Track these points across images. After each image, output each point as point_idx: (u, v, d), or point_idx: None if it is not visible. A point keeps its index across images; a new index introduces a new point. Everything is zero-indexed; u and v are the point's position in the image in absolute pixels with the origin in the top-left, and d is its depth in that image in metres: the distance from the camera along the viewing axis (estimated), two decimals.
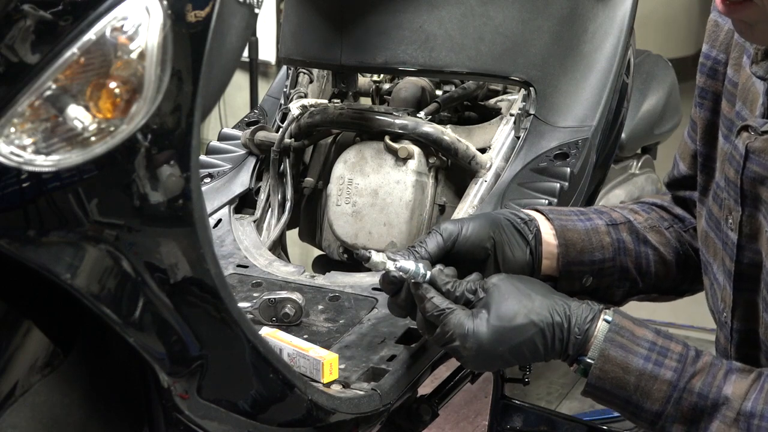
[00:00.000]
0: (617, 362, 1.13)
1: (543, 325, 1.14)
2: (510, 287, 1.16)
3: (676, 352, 1.13)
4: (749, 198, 1.17)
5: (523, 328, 1.14)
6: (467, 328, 1.15)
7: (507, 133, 1.77)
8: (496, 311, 1.15)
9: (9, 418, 1.02)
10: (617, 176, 2.19)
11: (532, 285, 1.18)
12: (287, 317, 1.48)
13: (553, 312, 1.14)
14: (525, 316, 1.14)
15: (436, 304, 1.18)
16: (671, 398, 1.11)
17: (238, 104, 3.46)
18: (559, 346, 1.14)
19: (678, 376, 1.11)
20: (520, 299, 1.15)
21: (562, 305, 1.15)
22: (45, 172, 0.92)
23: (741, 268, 1.20)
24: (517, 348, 1.14)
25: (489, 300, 1.16)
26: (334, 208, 1.74)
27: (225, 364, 1.10)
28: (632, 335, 1.14)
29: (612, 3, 1.87)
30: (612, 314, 1.15)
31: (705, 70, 1.29)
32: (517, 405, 2.05)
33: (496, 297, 1.16)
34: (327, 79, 1.98)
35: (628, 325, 1.15)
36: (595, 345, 1.13)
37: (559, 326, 1.14)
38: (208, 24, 0.97)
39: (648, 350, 1.13)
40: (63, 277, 0.95)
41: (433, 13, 1.69)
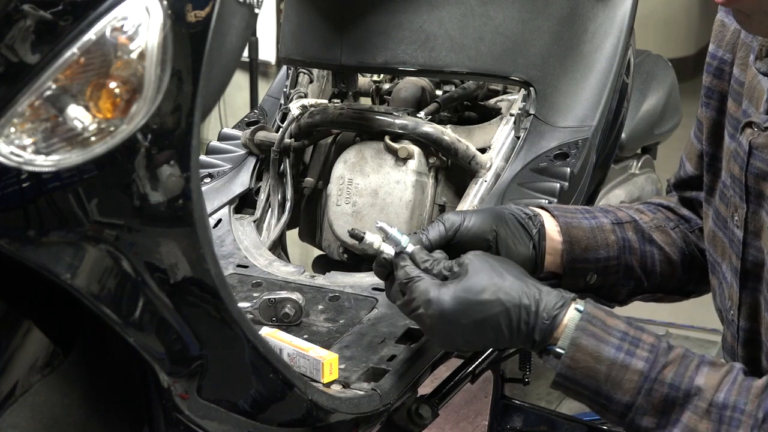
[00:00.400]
0: (588, 351, 1.11)
1: (509, 305, 1.12)
2: (483, 263, 1.16)
3: (648, 343, 1.12)
4: (753, 194, 1.16)
5: (489, 304, 1.12)
6: (431, 295, 1.14)
7: (507, 133, 1.77)
8: (465, 283, 1.14)
9: (9, 418, 1.02)
10: (617, 176, 2.19)
11: (506, 265, 1.17)
12: (287, 317, 1.48)
13: (522, 294, 1.13)
14: (492, 293, 1.13)
15: (408, 272, 1.18)
16: (642, 389, 1.10)
17: (238, 104, 3.46)
18: (525, 329, 1.13)
19: (650, 366, 1.10)
20: (491, 276, 1.14)
21: (533, 289, 1.14)
22: (45, 172, 0.92)
23: (746, 266, 1.19)
24: (480, 324, 1.13)
25: (460, 272, 1.15)
26: (334, 208, 1.74)
27: (225, 364, 1.10)
28: (604, 324, 1.13)
29: (612, 3, 1.87)
30: (584, 303, 1.14)
31: (711, 69, 1.29)
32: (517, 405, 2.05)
33: (468, 270, 1.15)
34: (327, 79, 1.98)
35: (600, 314, 1.14)
36: (565, 334, 1.12)
37: (526, 309, 1.13)
38: (208, 24, 0.97)
39: (620, 340, 1.12)
40: (63, 277, 0.95)
41: (433, 13, 1.69)
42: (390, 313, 1.51)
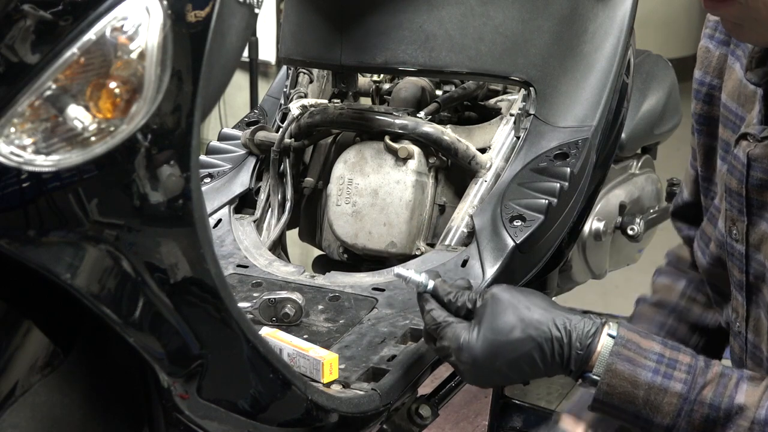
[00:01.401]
0: (625, 376, 1.10)
1: (541, 340, 1.11)
2: (508, 299, 1.14)
3: (685, 363, 1.11)
4: (755, 206, 1.16)
5: (520, 343, 1.11)
6: (462, 341, 1.13)
7: (507, 133, 1.77)
8: (491, 324, 1.13)
9: (9, 418, 1.02)
10: (617, 176, 2.18)
11: (532, 297, 1.15)
12: (287, 317, 1.48)
13: (551, 326, 1.12)
14: (522, 330, 1.11)
15: (434, 317, 1.17)
16: (682, 411, 1.09)
17: (238, 104, 3.46)
18: (559, 360, 1.12)
19: (688, 388, 1.09)
20: (517, 312, 1.13)
21: (563, 319, 1.13)
22: (45, 172, 0.92)
23: (750, 279, 1.19)
24: (515, 363, 1.12)
25: (485, 312, 1.14)
26: (334, 208, 1.74)
27: (225, 364, 1.10)
28: (639, 347, 1.11)
29: (612, 3, 1.87)
30: (617, 327, 1.13)
31: (701, 96, 1.29)
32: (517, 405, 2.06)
33: (494, 309, 1.14)
34: (327, 79, 1.98)
35: (634, 337, 1.12)
36: (599, 360, 1.11)
37: (559, 341, 1.11)
38: (208, 24, 0.97)
39: (656, 362, 1.10)
40: (63, 277, 0.95)
41: (433, 13, 1.69)
42: (390, 313, 1.51)
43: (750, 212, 1.16)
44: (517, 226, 1.60)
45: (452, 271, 1.58)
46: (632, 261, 2.33)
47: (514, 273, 1.61)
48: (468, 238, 1.65)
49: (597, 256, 2.07)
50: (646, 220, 2.16)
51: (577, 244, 1.97)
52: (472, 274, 1.57)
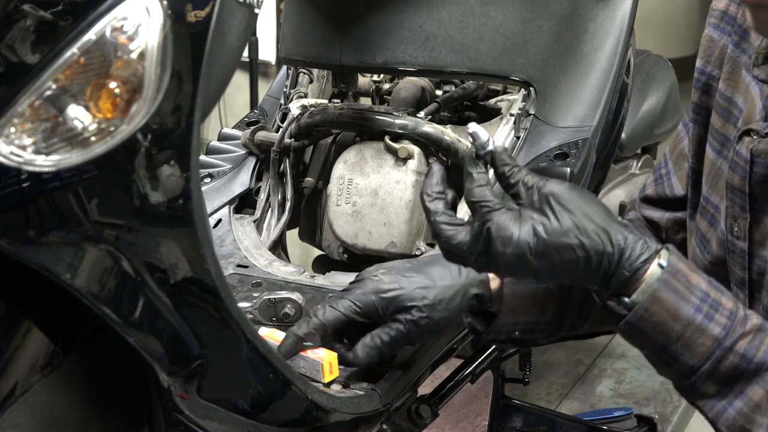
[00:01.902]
0: (667, 307, 1.06)
1: (592, 252, 1.06)
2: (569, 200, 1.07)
3: (728, 309, 1.07)
4: (759, 202, 1.15)
5: (570, 249, 1.06)
6: (511, 233, 1.07)
7: (507, 133, 1.77)
8: (545, 220, 1.06)
9: (9, 418, 1.02)
10: (617, 176, 2.19)
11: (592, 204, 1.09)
12: (287, 317, 1.48)
13: (606, 240, 1.06)
14: (576, 236, 1.06)
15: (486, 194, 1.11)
16: (713, 355, 1.06)
17: (238, 104, 3.46)
18: (602, 274, 1.07)
19: (726, 333, 1.06)
20: (575, 216, 1.07)
21: (618, 235, 1.07)
22: (45, 172, 0.92)
23: (752, 276, 1.18)
24: (559, 268, 1.07)
25: (544, 207, 1.08)
26: (334, 208, 1.74)
27: (225, 364, 1.10)
28: (687, 281, 1.07)
29: (612, 3, 1.87)
30: (669, 256, 1.08)
31: (699, 85, 1.28)
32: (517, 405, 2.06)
33: (550, 204, 1.07)
34: (327, 79, 1.98)
35: (684, 269, 1.08)
36: (643, 288, 1.06)
37: (609, 257, 1.06)
38: (208, 24, 0.97)
39: (701, 300, 1.06)
40: (63, 277, 0.95)
41: (433, 13, 1.69)
42: None
43: (753, 208, 1.16)
44: None
45: None
46: None
47: None
48: None
49: None
50: None
51: None
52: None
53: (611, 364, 2.83)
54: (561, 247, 1.06)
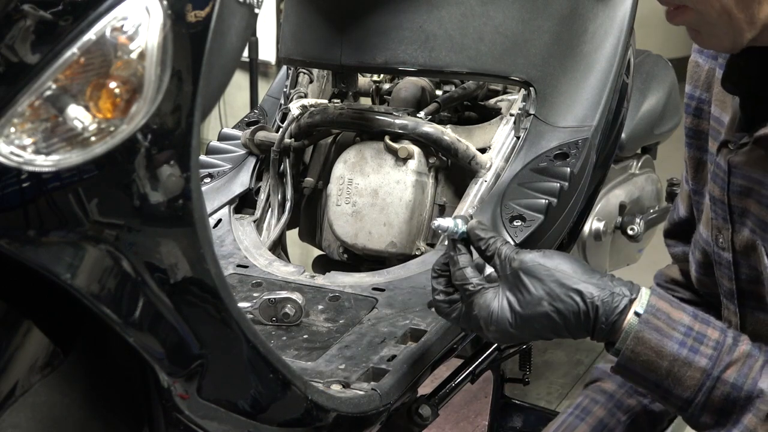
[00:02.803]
0: (651, 345, 1.10)
1: (567, 313, 1.12)
2: (540, 270, 1.14)
3: (713, 339, 1.10)
4: (737, 213, 1.16)
5: (546, 316, 1.13)
6: (492, 311, 1.15)
7: (507, 133, 1.77)
8: (522, 297, 1.14)
9: (9, 418, 1.02)
10: (617, 176, 2.19)
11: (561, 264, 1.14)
12: (287, 317, 1.48)
13: (578, 300, 1.12)
14: (549, 303, 1.12)
15: (467, 277, 1.19)
16: (704, 386, 1.09)
17: (238, 104, 3.46)
18: (584, 331, 1.13)
19: (713, 364, 1.09)
20: (546, 284, 1.13)
21: (591, 291, 1.12)
22: (45, 172, 0.92)
23: (741, 285, 1.19)
24: (541, 332, 1.14)
25: (516, 281, 1.15)
26: (334, 208, 1.74)
27: (225, 364, 1.10)
28: (668, 318, 1.11)
29: (612, 3, 1.87)
30: (648, 297, 1.12)
31: (690, 110, 1.30)
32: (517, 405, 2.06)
33: (523, 279, 1.14)
34: (327, 79, 1.98)
35: (665, 307, 1.12)
36: (626, 330, 1.11)
37: (585, 314, 1.12)
38: (208, 24, 0.97)
39: (684, 335, 1.10)
40: (63, 277, 0.95)
41: (433, 13, 1.69)
42: (390, 313, 1.51)
43: (733, 219, 1.17)
44: (517, 226, 1.60)
45: None
46: (632, 261, 2.33)
47: None
48: None
49: (597, 256, 2.07)
50: (646, 220, 2.16)
51: (577, 244, 1.97)
52: None
53: None
54: (537, 316, 1.13)
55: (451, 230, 1.21)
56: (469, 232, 1.21)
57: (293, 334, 1.47)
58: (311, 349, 1.43)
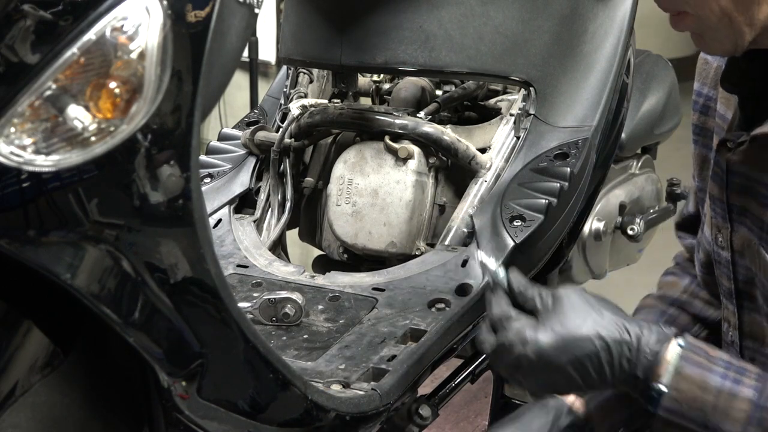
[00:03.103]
0: (694, 380, 1.07)
1: (610, 341, 1.07)
2: (579, 299, 1.11)
3: (754, 372, 1.08)
4: (735, 212, 1.16)
5: (589, 340, 1.08)
6: (528, 334, 1.09)
7: (507, 133, 1.77)
8: (562, 319, 1.09)
9: (9, 418, 1.02)
10: (617, 176, 2.18)
11: (602, 301, 1.12)
12: (287, 317, 1.48)
13: (622, 329, 1.08)
14: (592, 327, 1.08)
15: (502, 308, 1.13)
16: (753, 418, 1.05)
17: (238, 104, 3.46)
18: (627, 365, 1.08)
19: (759, 393, 1.06)
20: (588, 311, 1.09)
21: (634, 325, 1.09)
22: (45, 172, 0.92)
23: (738, 286, 1.18)
24: (580, 361, 1.08)
25: (556, 308, 1.10)
26: (334, 208, 1.74)
27: (225, 364, 1.10)
28: (707, 354, 1.09)
29: (612, 3, 1.87)
30: (685, 337, 1.10)
31: (698, 107, 1.30)
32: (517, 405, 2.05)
33: (564, 306, 1.10)
34: (327, 79, 1.98)
35: (703, 346, 1.10)
36: (668, 368, 1.07)
37: (628, 344, 1.08)
38: (208, 24, 0.97)
39: (725, 369, 1.08)
40: (63, 277, 0.95)
41: (433, 13, 1.69)
42: (390, 313, 1.51)
43: (731, 218, 1.16)
44: (517, 226, 1.60)
45: (452, 271, 1.58)
46: (632, 261, 2.33)
47: None
48: (468, 238, 1.65)
49: (597, 256, 2.07)
50: (646, 220, 2.16)
51: (577, 244, 1.97)
52: (472, 274, 1.57)
53: None
54: (579, 339, 1.08)
55: (495, 273, 1.18)
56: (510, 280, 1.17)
57: (293, 334, 1.47)
58: (311, 349, 1.43)
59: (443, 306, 1.52)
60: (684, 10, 1.07)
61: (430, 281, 1.58)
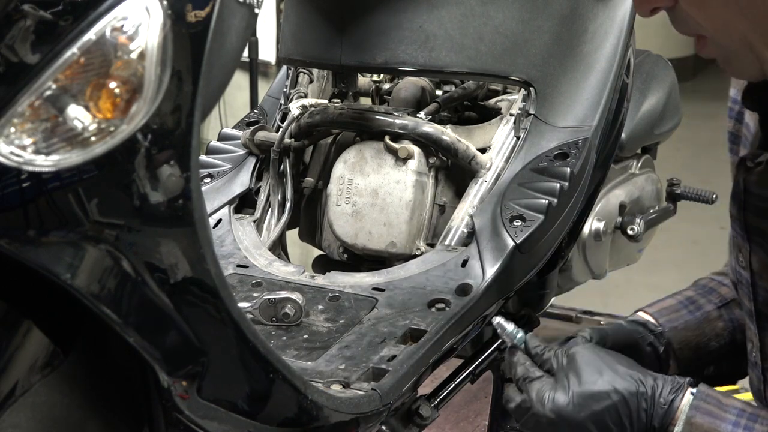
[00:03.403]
0: (704, 429, 1.08)
1: (626, 394, 1.11)
2: (593, 355, 1.15)
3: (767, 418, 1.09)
4: (753, 233, 1.15)
5: (605, 395, 1.11)
6: (547, 393, 1.14)
7: (507, 133, 1.77)
8: (578, 376, 1.13)
9: (9, 418, 1.02)
10: (617, 176, 2.18)
11: (616, 356, 1.16)
12: (287, 317, 1.48)
13: (637, 382, 1.11)
14: (608, 382, 1.11)
15: (526, 368, 1.19)
16: None
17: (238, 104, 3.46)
18: (644, 417, 1.10)
19: None
20: (602, 367, 1.13)
21: (648, 377, 1.12)
22: (45, 172, 0.92)
23: (758, 307, 1.18)
24: (599, 416, 1.11)
25: (571, 367, 1.15)
26: (334, 208, 1.74)
27: (225, 364, 1.10)
28: (719, 403, 1.10)
29: (612, 3, 1.87)
30: (699, 386, 1.13)
31: (733, 114, 1.29)
32: None
33: (578, 363, 1.14)
34: (327, 79, 1.98)
35: (715, 394, 1.12)
36: (680, 419, 1.10)
37: (643, 396, 1.11)
38: (208, 24, 0.97)
39: (737, 416, 1.09)
40: (63, 277, 0.95)
41: (433, 13, 1.69)
42: (390, 313, 1.51)
43: (749, 239, 1.16)
44: (517, 226, 1.60)
45: (452, 271, 1.58)
46: (632, 261, 2.33)
47: (514, 273, 1.61)
48: (468, 238, 1.65)
49: (597, 256, 2.07)
50: (646, 220, 2.16)
51: (577, 244, 1.97)
52: (472, 274, 1.57)
53: None
54: (596, 395, 1.11)
55: (512, 334, 1.24)
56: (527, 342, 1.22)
57: (293, 334, 1.47)
58: (311, 349, 1.43)
59: (443, 306, 1.52)
60: (703, 35, 1.06)
61: (430, 281, 1.58)
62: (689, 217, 2.94)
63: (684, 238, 3.53)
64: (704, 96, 5.93)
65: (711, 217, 3.44)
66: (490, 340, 1.72)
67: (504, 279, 1.57)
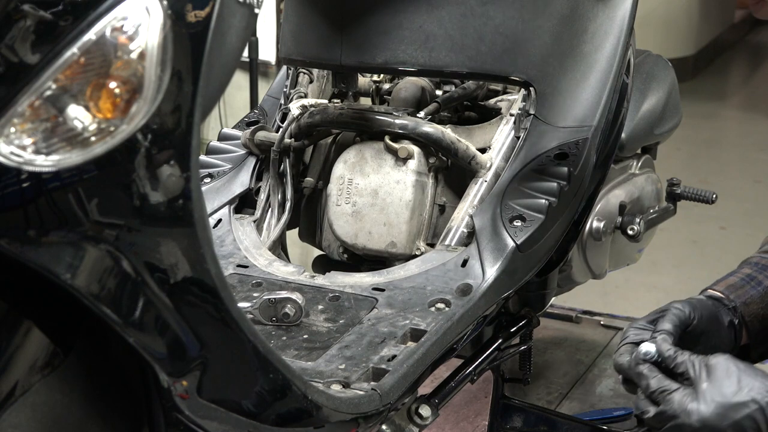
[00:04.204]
0: None
1: (763, 403, 1.20)
2: (732, 366, 1.23)
3: None
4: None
5: (745, 405, 1.20)
6: (691, 406, 1.22)
7: (507, 133, 1.77)
8: (719, 388, 1.22)
9: (9, 418, 1.02)
10: (617, 176, 2.18)
11: (750, 367, 1.25)
12: (287, 317, 1.48)
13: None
14: (746, 393, 1.20)
15: (660, 382, 1.26)
16: None
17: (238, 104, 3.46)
18: None
19: None
20: (741, 377, 1.22)
21: None
22: (45, 172, 0.92)
23: None
24: (740, 424, 1.20)
25: (711, 378, 1.23)
26: (334, 208, 1.74)
27: (225, 364, 1.10)
28: None
29: (612, 3, 1.87)
30: None
31: None
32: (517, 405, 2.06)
33: (719, 375, 1.22)
34: (327, 79, 1.98)
35: None
36: None
37: None
38: (208, 24, 0.97)
39: None
40: (63, 277, 0.95)
41: (433, 13, 1.69)
42: (390, 313, 1.51)
43: None
44: (517, 226, 1.60)
45: (452, 271, 1.58)
46: (632, 261, 2.33)
47: (515, 273, 1.61)
48: (468, 238, 1.65)
49: (597, 256, 2.07)
50: (646, 220, 2.16)
51: (577, 244, 1.97)
52: (472, 274, 1.57)
53: (611, 364, 2.83)
54: (737, 405, 1.21)
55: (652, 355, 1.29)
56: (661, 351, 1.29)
57: (293, 334, 1.47)
58: (311, 349, 1.43)
59: (443, 306, 1.52)
60: None
61: (430, 281, 1.58)
62: (689, 217, 2.94)
63: (684, 238, 3.53)
64: (704, 96, 5.93)
65: (711, 217, 3.44)
66: (490, 340, 1.72)
67: (504, 279, 1.57)
